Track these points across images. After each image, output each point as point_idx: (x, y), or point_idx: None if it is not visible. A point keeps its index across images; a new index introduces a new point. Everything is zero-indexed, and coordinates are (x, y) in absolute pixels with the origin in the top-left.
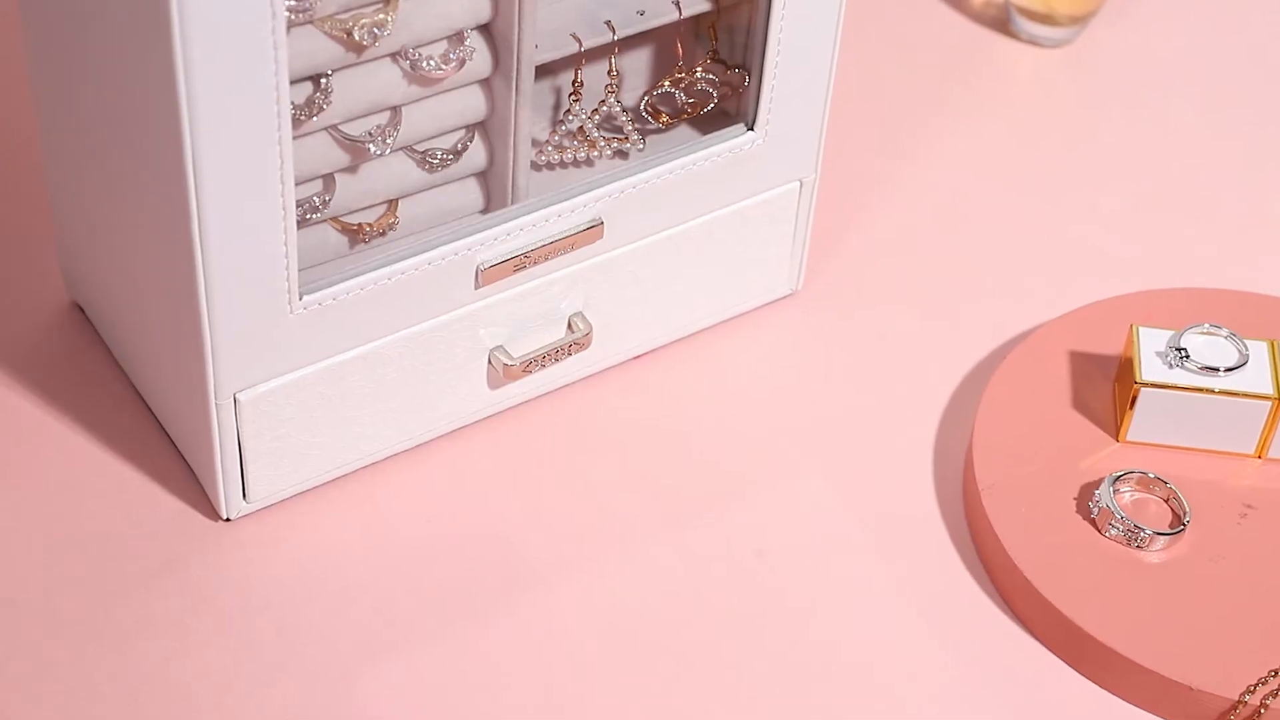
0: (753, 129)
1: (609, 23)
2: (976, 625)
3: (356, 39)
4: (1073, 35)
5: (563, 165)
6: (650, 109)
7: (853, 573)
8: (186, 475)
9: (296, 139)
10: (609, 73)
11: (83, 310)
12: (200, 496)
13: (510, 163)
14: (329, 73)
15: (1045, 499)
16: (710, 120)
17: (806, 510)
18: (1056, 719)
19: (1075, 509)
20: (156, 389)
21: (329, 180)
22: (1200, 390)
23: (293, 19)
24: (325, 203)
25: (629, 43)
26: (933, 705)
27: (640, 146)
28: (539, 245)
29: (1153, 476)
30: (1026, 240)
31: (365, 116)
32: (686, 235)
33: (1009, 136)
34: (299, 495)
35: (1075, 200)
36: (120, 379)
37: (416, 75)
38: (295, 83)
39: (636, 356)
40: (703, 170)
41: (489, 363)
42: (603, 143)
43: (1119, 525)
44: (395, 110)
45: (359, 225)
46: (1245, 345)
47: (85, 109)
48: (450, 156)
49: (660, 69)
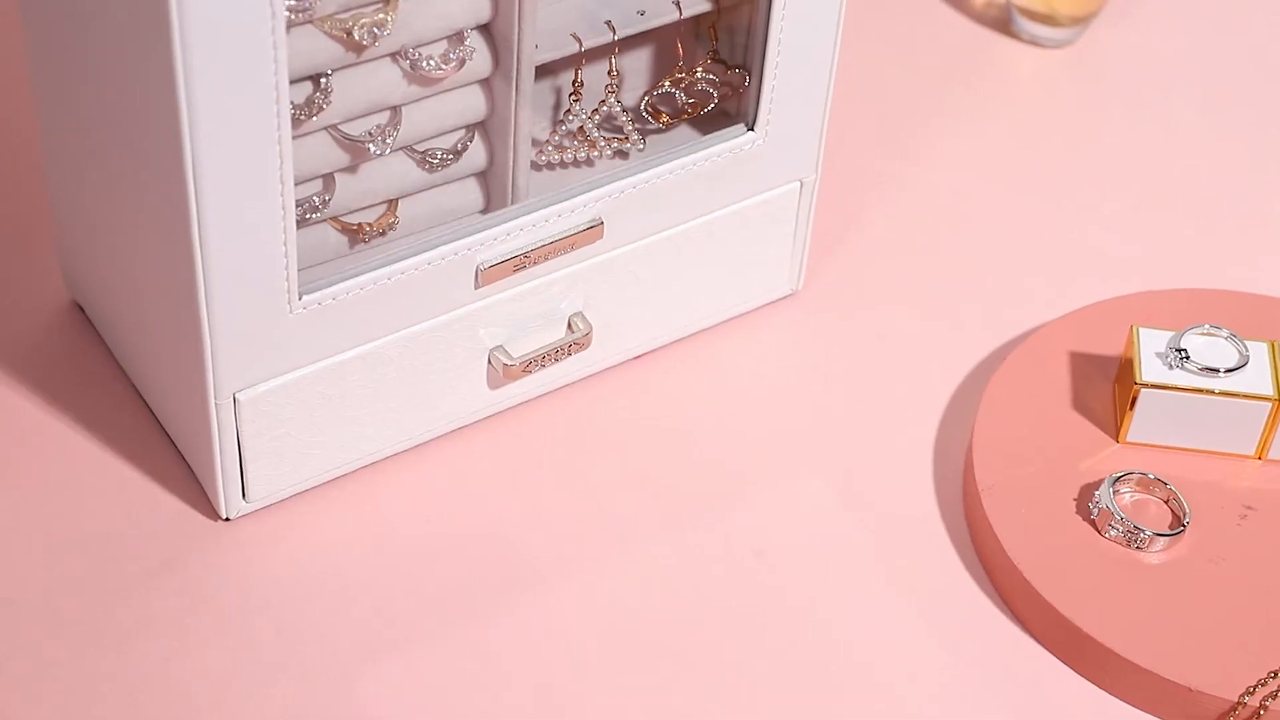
0: (753, 129)
1: (609, 23)
2: (976, 626)
3: (356, 39)
4: (1074, 36)
5: (563, 165)
6: (650, 109)
7: (853, 573)
8: (186, 475)
9: (296, 139)
10: (609, 73)
11: (83, 310)
12: (200, 496)
13: (510, 163)
14: (329, 72)
15: (1045, 500)
16: (710, 120)
17: (806, 510)
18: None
19: (1075, 510)
20: (156, 389)
21: (329, 180)
22: (1200, 391)
23: (292, 19)
24: (325, 202)
25: (629, 43)
26: (932, 705)
27: (640, 146)
28: (539, 245)
29: (1152, 477)
30: (1027, 241)
31: (365, 116)
32: (687, 235)
33: (1010, 137)
34: (299, 495)
35: (1076, 201)
36: (120, 379)
37: (416, 75)
38: (295, 82)
39: (636, 357)
40: (703, 170)
41: (489, 363)
42: (603, 143)
43: (1119, 526)
44: (395, 110)
45: (359, 225)
46: (1245, 346)
47: (85, 109)
48: (450, 156)
49: (660, 69)
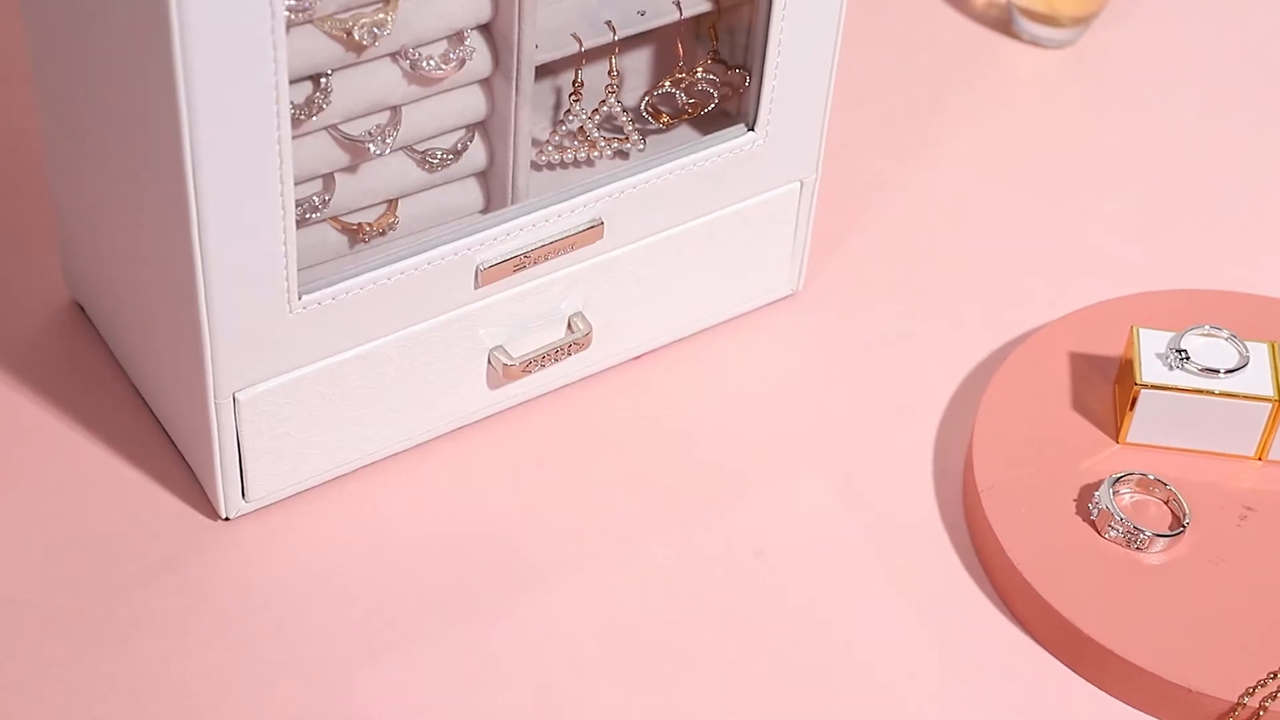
0: (753, 129)
1: (609, 23)
2: (975, 626)
3: (356, 39)
4: (1075, 36)
5: (563, 165)
6: (651, 109)
7: (852, 573)
8: (186, 474)
9: (296, 138)
10: (609, 73)
11: (83, 309)
12: (200, 496)
13: (510, 163)
14: (329, 72)
15: (1045, 500)
16: (711, 120)
17: (806, 510)
18: None
19: (1075, 510)
20: (156, 388)
21: (329, 180)
22: (1200, 392)
23: (292, 18)
24: (325, 202)
25: (629, 43)
26: (932, 706)
27: (641, 147)
28: (539, 245)
29: (1152, 478)
30: (1027, 241)
31: (365, 116)
32: (687, 235)
33: (1010, 137)
34: (298, 495)
35: (1076, 201)
36: (120, 378)
37: (416, 75)
38: (295, 82)
39: (636, 357)
40: (703, 170)
41: (489, 363)
42: (603, 143)
43: (1118, 527)
44: (395, 110)
45: (359, 225)
46: (1245, 347)
47: (86, 109)
48: (450, 156)
49: (661, 69)
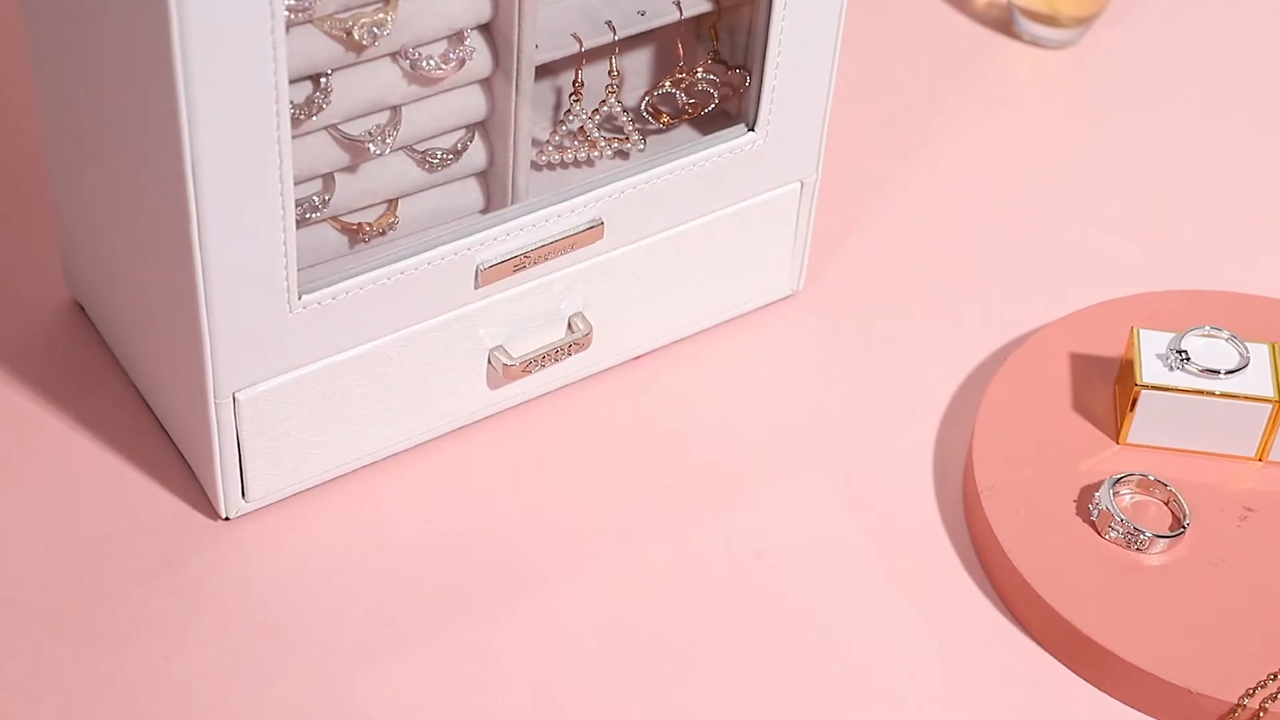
0: (753, 129)
1: (610, 23)
2: (975, 627)
3: (356, 38)
4: (1076, 37)
5: (563, 165)
6: (651, 109)
7: (852, 573)
8: (186, 474)
9: (296, 138)
10: (610, 73)
11: (83, 309)
12: (200, 495)
13: (510, 163)
14: (329, 72)
15: (1045, 501)
16: (711, 121)
17: (806, 510)
18: None
19: (1075, 511)
20: (156, 388)
21: (329, 179)
22: (1201, 393)
23: (292, 18)
24: (325, 202)
25: (630, 43)
26: (931, 706)
27: (641, 147)
28: (539, 245)
29: (1153, 479)
30: (1027, 242)
31: (365, 116)
32: (687, 236)
33: (1011, 138)
34: (298, 495)
35: (1077, 202)
36: (120, 378)
37: (416, 75)
38: (295, 82)
39: (637, 357)
40: (703, 171)
41: (489, 363)
42: (603, 143)
43: (1119, 528)
44: (395, 110)
45: (359, 225)
46: (1246, 348)
47: (86, 108)
48: (450, 156)
49: (661, 69)
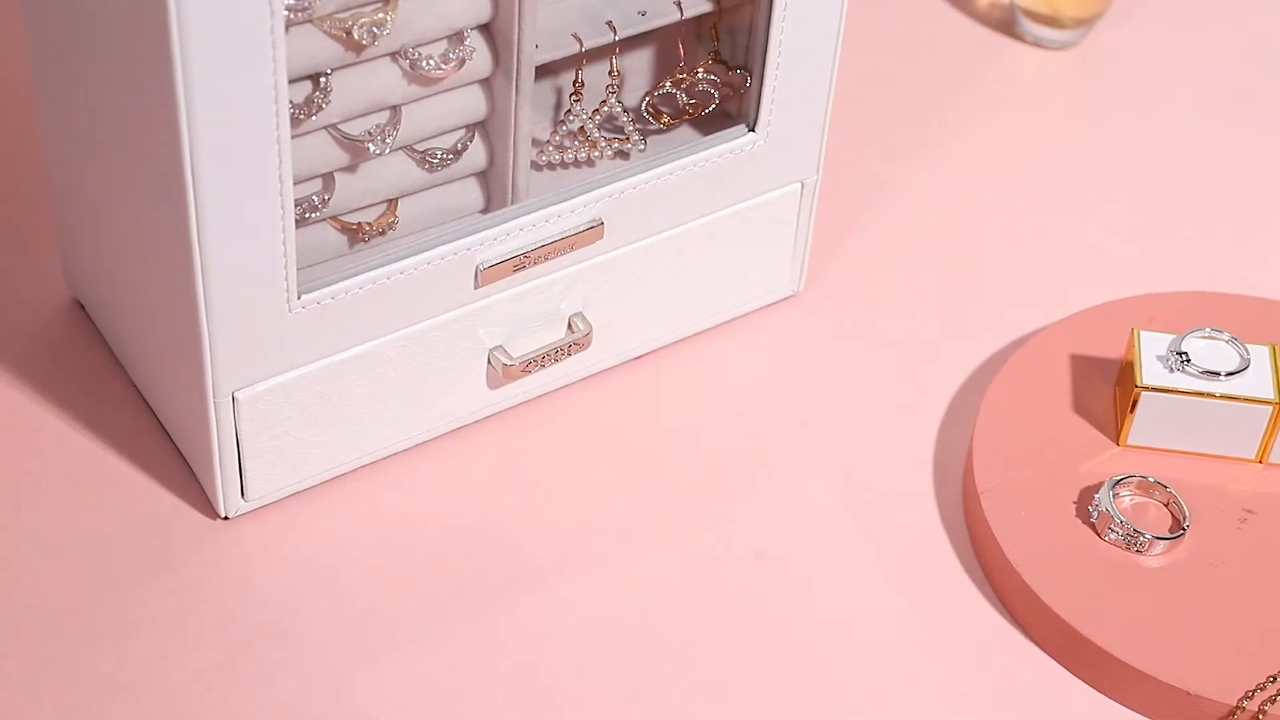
0: (754, 130)
1: (610, 23)
2: (975, 628)
3: (356, 38)
4: (1078, 37)
5: (563, 165)
6: (651, 109)
7: (851, 574)
8: (185, 473)
9: (296, 138)
10: (610, 73)
11: (83, 307)
12: (199, 495)
13: (510, 163)
14: (328, 72)
15: (1045, 502)
16: (711, 121)
17: (806, 511)
18: None
19: (1075, 513)
20: (156, 387)
21: (328, 179)
22: (1201, 394)
23: (292, 18)
24: (325, 202)
25: (630, 43)
26: (931, 707)
27: (641, 147)
28: (539, 245)
29: (1153, 481)
30: (1028, 243)
31: (365, 116)
32: (687, 236)
33: (1012, 139)
34: (297, 494)
35: (1078, 202)
36: (120, 376)
37: (416, 75)
38: (294, 82)
39: (637, 357)
40: (704, 171)
41: (488, 363)
42: (604, 143)
43: (1118, 529)
44: (395, 109)
45: (358, 224)
46: (1246, 349)
47: (85, 107)
48: (450, 156)
49: (662, 69)
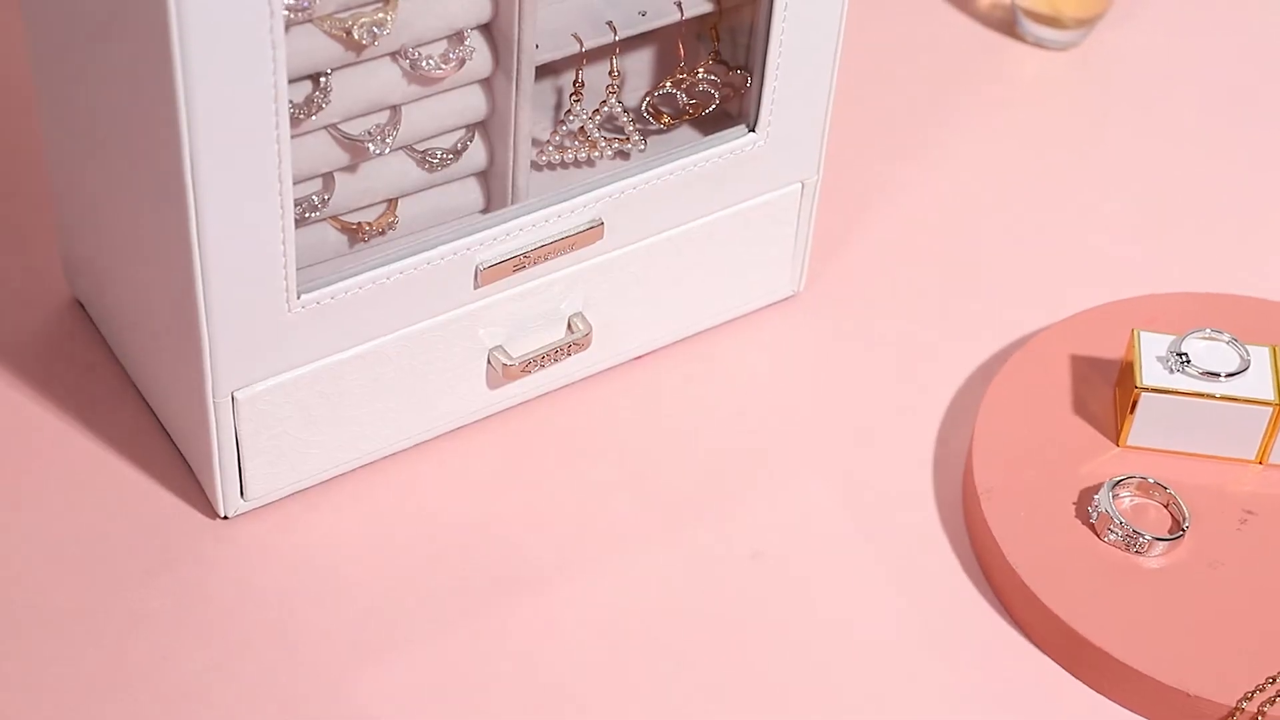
0: (754, 130)
1: (611, 23)
2: (974, 629)
3: (356, 38)
4: (1079, 38)
5: (563, 165)
6: (652, 109)
7: (851, 575)
8: (185, 473)
9: (295, 138)
10: (610, 73)
11: (83, 307)
12: (198, 494)
13: (510, 163)
14: (328, 71)
15: (1044, 503)
16: (712, 121)
17: (806, 512)
18: None
19: (1074, 514)
20: (156, 386)
21: (328, 179)
22: (1201, 395)
23: (291, 18)
24: (325, 201)
25: (630, 43)
26: (930, 708)
27: (641, 147)
28: (539, 245)
29: (1152, 482)
30: (1029, 243)
31: (365, 116)
32: (687, 236)
33: (1013, 139)
34: (297, 494)
35: (1078, 203)
36: (120, 376)
37: (416, 74)
38: (294, 81)
39: (637, 357)
40: (704, 171)
41: (488, 363)
42: (604, 143)
43: (1118, 530)
44: (395, 109)
45: (358, 224)
46: (1247, 350)
47: (85, 107)
48: (450, 156)
49: (662, 69)
